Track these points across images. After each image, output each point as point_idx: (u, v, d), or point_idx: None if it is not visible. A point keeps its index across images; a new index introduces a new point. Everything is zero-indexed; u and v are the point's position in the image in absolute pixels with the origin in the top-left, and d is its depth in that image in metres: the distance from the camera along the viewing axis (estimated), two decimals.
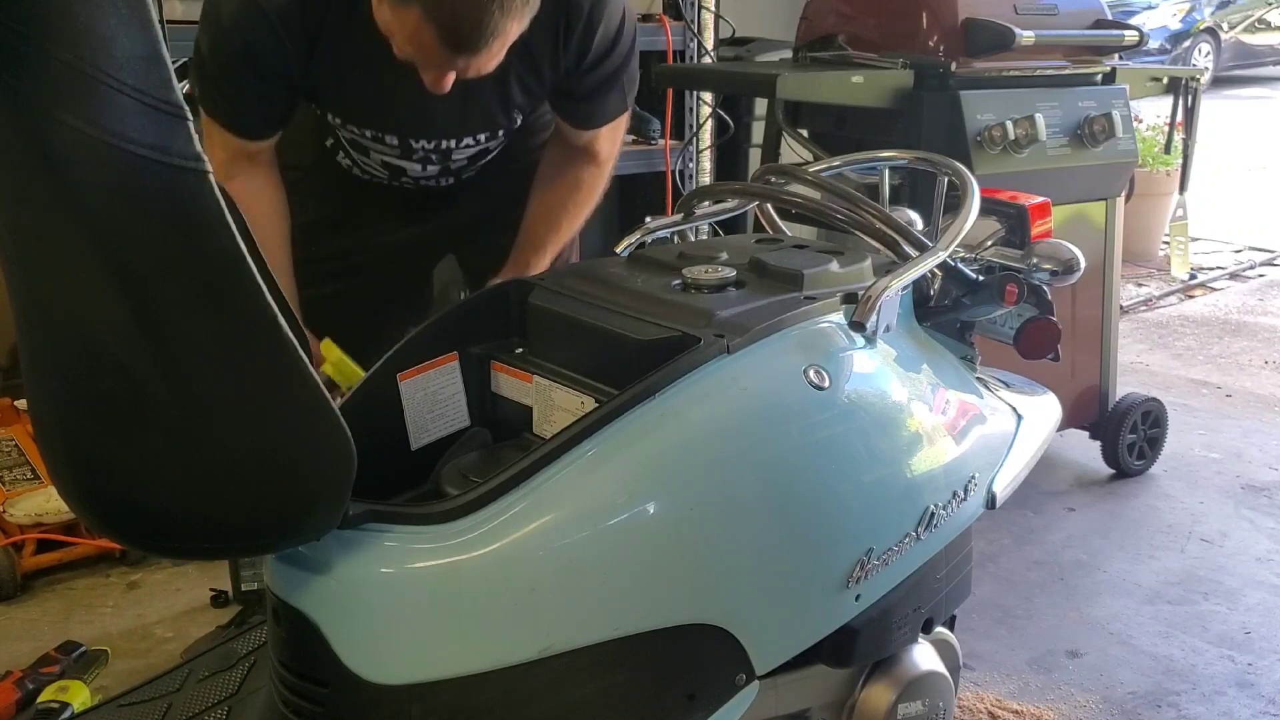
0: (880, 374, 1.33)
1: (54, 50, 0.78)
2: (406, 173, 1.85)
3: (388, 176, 1.88)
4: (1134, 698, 2.13)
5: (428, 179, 1.88)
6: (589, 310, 1.29)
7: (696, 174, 3.61)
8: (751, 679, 1.19)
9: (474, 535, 1.04)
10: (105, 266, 0.85)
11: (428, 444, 1.33)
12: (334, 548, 1.04)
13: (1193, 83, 3.03)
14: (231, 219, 0.87)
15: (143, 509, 0.98)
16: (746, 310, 1.25)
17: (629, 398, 1.11)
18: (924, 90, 2.60)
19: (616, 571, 1.09)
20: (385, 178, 1.88)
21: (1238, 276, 5.32)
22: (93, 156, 0.81)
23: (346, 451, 0.99)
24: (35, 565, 2.48)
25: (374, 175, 1.88)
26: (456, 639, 1.05)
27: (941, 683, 1.40)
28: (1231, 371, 3.99)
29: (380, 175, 1.88)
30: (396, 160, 1.82)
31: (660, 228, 1.58)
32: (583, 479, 1.08)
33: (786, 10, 3.40)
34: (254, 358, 0.93)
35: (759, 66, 3.29)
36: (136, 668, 2.17)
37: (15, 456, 2.70)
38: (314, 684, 1.07)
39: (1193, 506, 2.93)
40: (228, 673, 1.34)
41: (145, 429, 0.92)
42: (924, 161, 1.61)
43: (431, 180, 1.89)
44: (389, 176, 1.88)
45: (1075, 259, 1.49)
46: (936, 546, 1.35)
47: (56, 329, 0.91)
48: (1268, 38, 13.51)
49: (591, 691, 1.10)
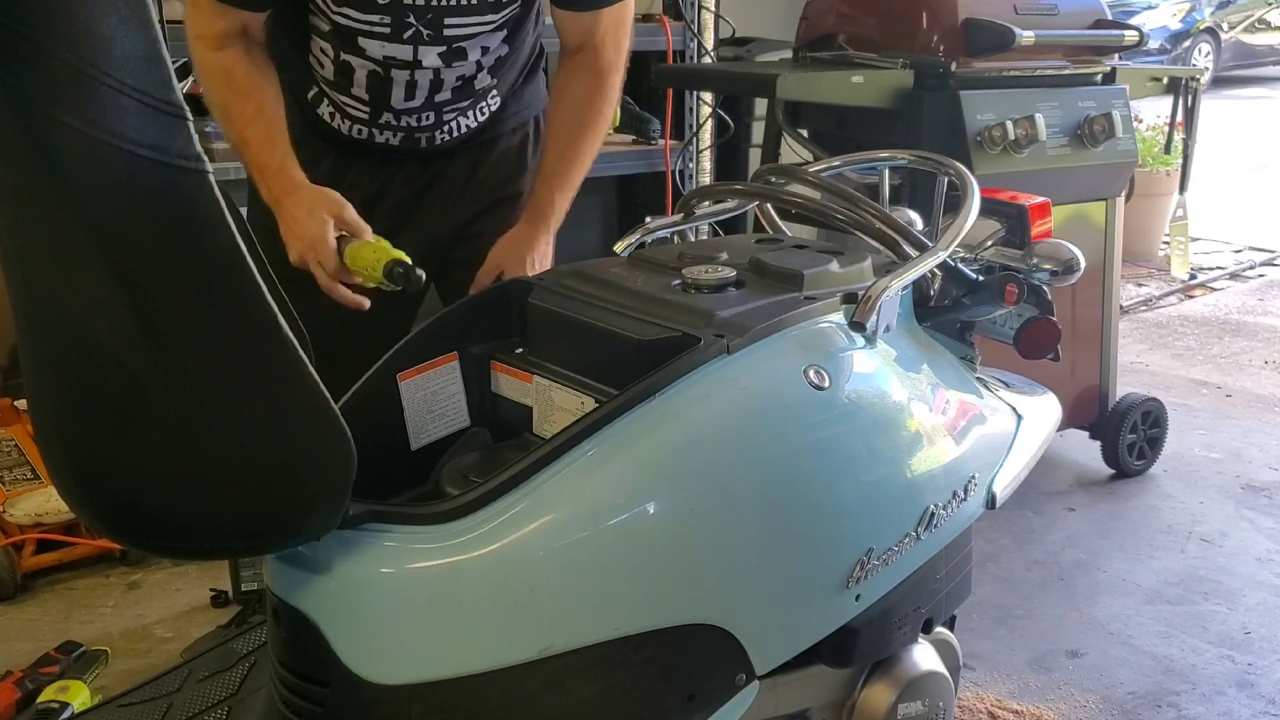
0: (880, 374, 1.33)
1: (54, 50, 0.78)
2: (392, 93, 1.70)
3: (370, 114, 1.74)
4: (1134, 698, 2.13)
5: (415, 110, 1.74)
6: (589, 310, 1.29)
7: (696, 174, 3.61)
8: (751, 679, 1.19)
9: (474, 535, 1.04)
10: (105, 266, 0.85)
11: (428, 444, 1.33)
12: (334, 548, 1.04)
13: (1193, 83, 3.03)
14: (231, 219, 0.87)
15: (143, 509, 0.98)
16: (746, 310, 1.25)
17: (629, 398, 1.11)
18: (924, 90, 2.60)
19: (616, 572, 1.09)
20: (368, 118, 1.75)
21: (1238, 276, 5.32)
22: (93, 156, 0.81)
23: (346, 451, 0.99)
24: (35, 565, 2.48)
25: (356, 113, 1.75)
26: (456, 639, 1.05)
27: (941, 683, 1.40)
28: (1231, 371, 3.99)
29: (362, 113, 1.75)
30: (385, 48, 1.65)
31: (660, 228, 1.58)
32: (583, 479, 1.08)
33: (786, 10, 3.39)
34: (254, 358, 0.93)
35: (759, 66, 3.29)
36: (136, 668, 2.17)
37: (15, 456, 2.70)
38: (314, 684, 1.07)
39: (1193, 506, 2.93)
40: (228, 673, 1.34)
41: (145, 429, 0.92)
42: (924, 161, 1.61)
43: (421, 114, 1.75)
44: (373, 111, 1.74)
45: (1075, 259, 1.49)
46: (936, 546, 1.35)
47: (56, 329, 0.91)
48: (1268, 38, 13.51)
49: (591, 691, 1.10)
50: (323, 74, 1.74)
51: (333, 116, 1.80)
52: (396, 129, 1.79)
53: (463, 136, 1.82)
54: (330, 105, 1.79)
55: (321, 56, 1.72)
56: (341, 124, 1.80)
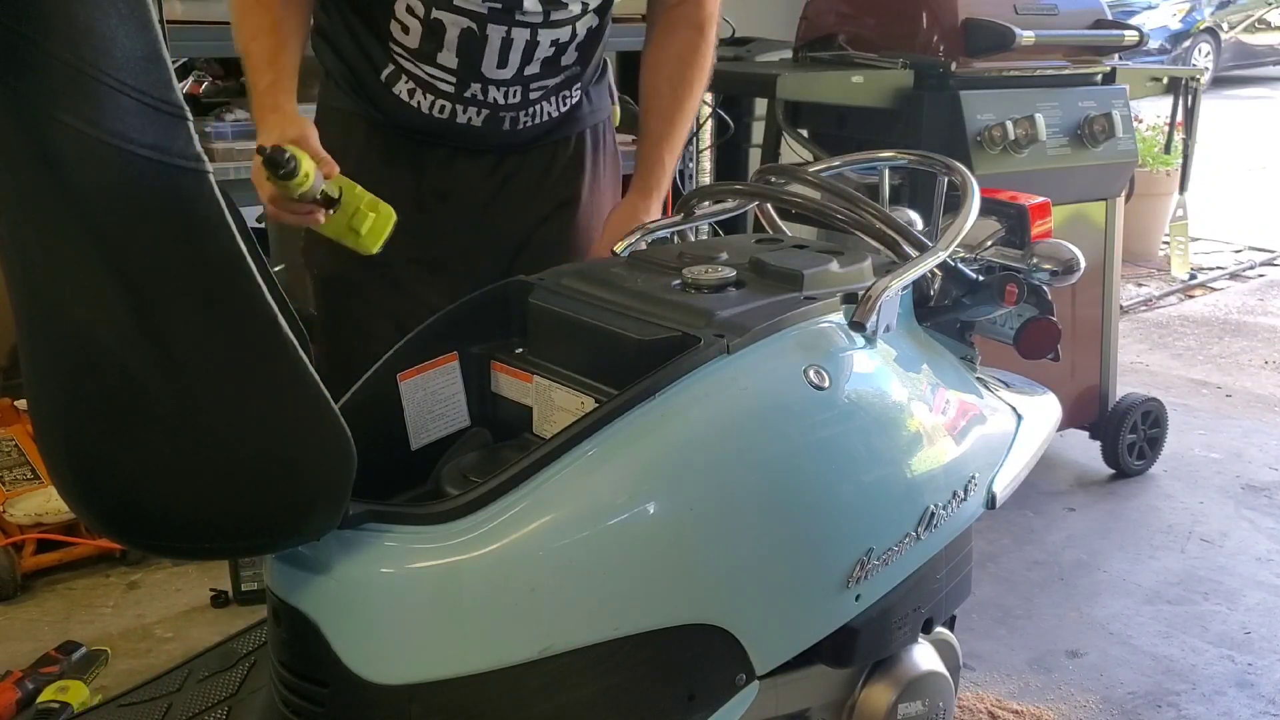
0: (880, 374, 1.33)
1: (54, 50, 0.78)
2: (484, 56, 1.63)
3: (456, 88, 1.66)
4: (1134, 698, 2.13)
5: (505, 83, 1.67)
6: (589, 310, 1.29)
7: (696, 174, 3.61)
8: (751, 679, 1.19)
9: (474, 535, 1.04)
10: (105, 266, 0.85)
11: (428, 444, 1.33)
12: (334, 548, 1.04)
13: (1193, 83, 3.04)
14: (231, 219, 0.87)
15: (143, 509, 0.98)
16: (746, 310, 1.25)
17: (629, 398, 1.11)
18: (924, 90, 2.60)
19: (616, 572, 1.09)
20: (454, 91, 1.66)
21: (1238, 276, 5.33)
22: (93, 157, 0.81)
23: (346, 451, 0.99)
24: (35, 565, 2.48)
25: (443, 84, 1.66)
26: (456, 639, 1.05)
27: (941, 683, 1.40)
28: (1231, 371, 3.99)
29: (448, 83, 1.66)
30: (481, 6, 1.59)
31: (660, 228, 1.58)
32: (583, 479, 1.08)
33: (786, 10, 3.39)
34: (254, 358, 0.93)
35: (759, 66, 3.29)
36: (136, 668, 2.17)
37: (15, 456, 2.70)
38: (314, 684, 1.07)
39: (1193, 506, 2.93)
40: (228, 673, 1.34)
41: (145, 429, 0.92)
42: (924, 161, 1.61)
43: (510, 89, 1.68)
44: (459, 83, 1.66)
45: (1075, 259, 1.49)
46: (936, 546, 1.35)
47: (56, 329, 0.91)
48: (1268, 38, 13.51)
49: (591, 691, 1.10)
50: (405, 42, 1.64)
51: (412, 94, 1.69)
52: (482, 105, 1.69)
53: (544, 126, 1.75)
54: (410, 81, 1.68)
55: (407, 18, 1.62)
56: (423, 100, 1.69)
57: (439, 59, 1.65)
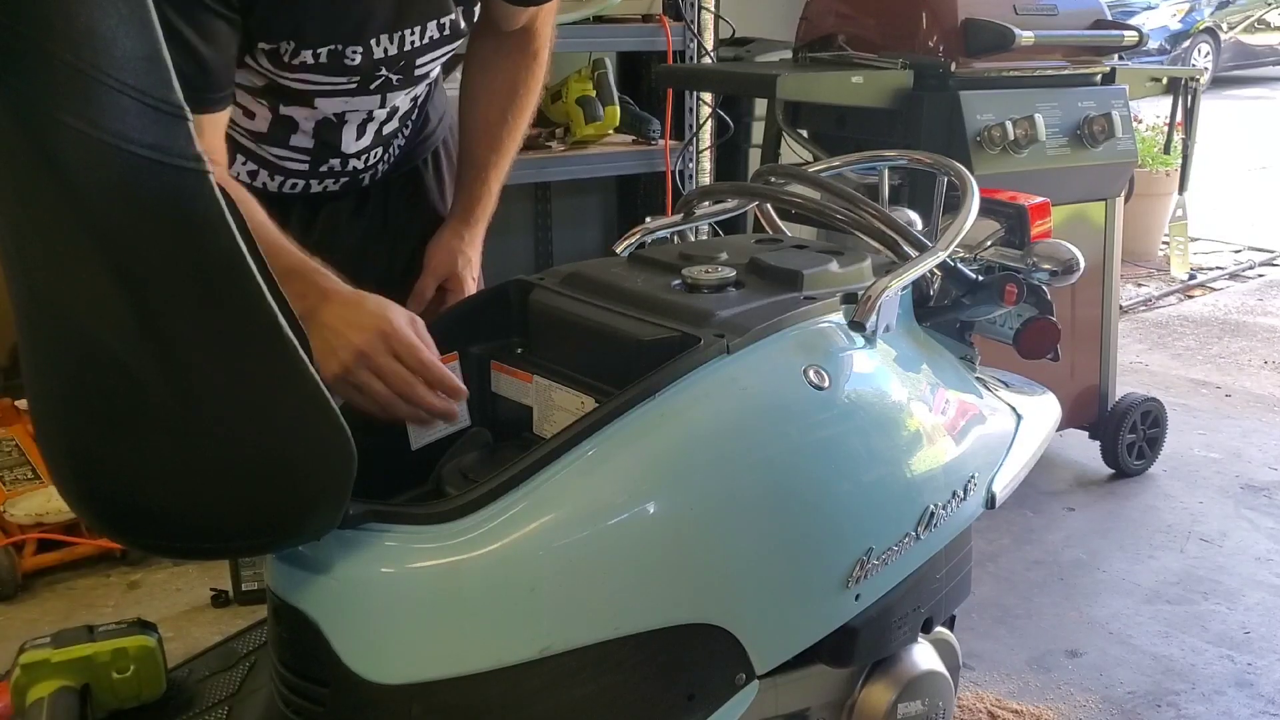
0: (880, 374, 1.33)
1: (54, 50, 0.78)
2: (343, 136, 1.56)
3: (310, 165, 1.57)
4: (1134, 697, 2.13)
5: (364, 150, 1.60)
6: (589, 310, 1.29)
7: (696, 174, 3.61)
8: (751, 679, 1.19)
9: (474, 535, 1.04)
10: (105, 266, 0.85)
11: (428, 444, 1.33)
12: (334, 548, 1.04)
13: (1192, 83, 3.04)
14: (231, 219, 0.87)
15: (143, 509, 0.98)
16: (746, 310, 1.25)
17: (629, 398, 1.11)
18: (924, 90, 2.60)
19: (616, 571, 1.09)
20: (307, 169, 1.58)
21: (1237, 276, 5.33)
22: (93, 157, 0.81)
23: (346, 451, 0.99)
24: (36, 565, 2.48)
25: (294, 165, 1.58)
26: (456, 639, 1.05)
27: (941, 682, 1.40)
28: (1231, 371, 3.99)
29: (301, 163, 1.57)
30: (349, 102, 1.51)
31: (660, 228, 1.58)
32: (583, 479, 1.08)
33: (786, 10, 3.39)
34: (254, 358, 0.93)
35: (759, 66, 3.30)
36: None
37: (15, 456, 2.70)
38: (314, 684, 1.07)
39: (1192, 506, 2.93)
40: (228, 673, 1.34)
41: (145, 429, 0.93)
42: (924, 161, 1.61)
43: (370, 152, 1.61)
44: (314, 161, 1.57)
45: (1075, 259, 1.49)
46: (936, 546, 1.35)
47: (56, 329, 0.91)
48: (1267, 38, 13.51)
49: (591, 691, 1.10)
50: (250, 126, 1.54)
51: (254, 175, 1.58)
52: (340, 174, 1.64)
53: (397, 160, 1.71)
54: (252, 162, 1.58)
55: (252, 107, 1.52)
56: (269, 181, 1.60)
57: (290, 143, 1.57)
